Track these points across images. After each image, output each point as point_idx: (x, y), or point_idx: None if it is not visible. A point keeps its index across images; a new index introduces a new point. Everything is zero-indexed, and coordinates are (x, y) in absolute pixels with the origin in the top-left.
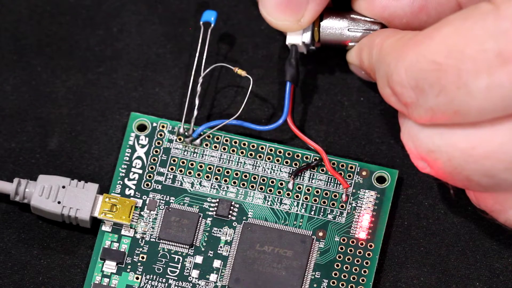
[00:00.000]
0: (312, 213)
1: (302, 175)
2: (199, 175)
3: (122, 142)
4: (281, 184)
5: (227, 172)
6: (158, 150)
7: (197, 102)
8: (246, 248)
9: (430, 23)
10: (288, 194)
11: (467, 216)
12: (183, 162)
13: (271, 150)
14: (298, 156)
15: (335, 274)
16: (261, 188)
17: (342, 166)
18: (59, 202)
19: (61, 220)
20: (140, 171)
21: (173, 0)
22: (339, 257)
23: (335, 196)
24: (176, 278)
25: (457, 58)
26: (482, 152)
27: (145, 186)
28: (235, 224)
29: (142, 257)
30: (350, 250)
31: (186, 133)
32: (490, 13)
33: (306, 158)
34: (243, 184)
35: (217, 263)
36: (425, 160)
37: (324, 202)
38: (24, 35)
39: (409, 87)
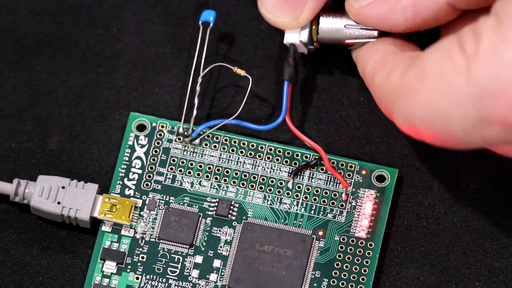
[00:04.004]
0: (312, 212)
1: (302, 174)
2: (198, 175)
3: (122, 142)
4: (281, 183)
5: (227, 172)
6: (158, 150)
7: (196, 102)
8: (246, 247)
9: (428, 25)
10: (288, 194)
11: (467, 216)
12: (182, 162)
13: (270, 149)
14: (297, 155)
15: (335, 273)
16: (261, 188)
17: (342, 165)
18: (58, 203)
19: (61, 220)
20: (140, 171)
21: (173, 0)
22: (339, 256)
23: (335, 195)
24: (176, 278)
25: (445, 120)
26: None
27: (145, 186)
28: (235, 223)
29: (142, 257)
30: (350, 249)
31: (185, 133)
32: (463, 73)
33: (306, 157)
34: (243, 184)
35: (217, 263)
36: None
37: (324, 201)
38: (24, 35)
39: (416, 125)
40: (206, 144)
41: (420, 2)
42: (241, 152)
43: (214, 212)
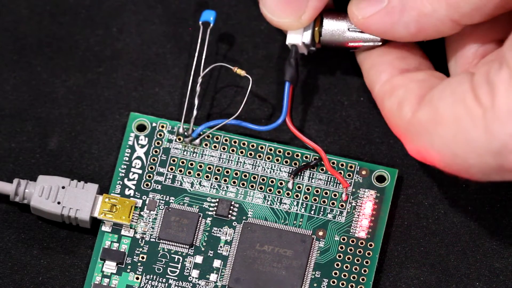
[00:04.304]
0: (312, 212)
1: (302, 174)
2: (198, 175)
3: (122, 142)
4: (281, 183)
5: (227, 172)
6: (158, 150)
7: (196, 102)
8: (246, 247)
9: (432, 37)
10: (288, 194)
11: (467, 216)
12: (182, 162)
13: (270, 149)
14: (297, 155)
15: (335, 273)
16: (261, 188)
17: (342, 165)
18: (59, 203)
19: (61, 220)
20: (140, 171)
21: (173, 0)
22: (339, 256)
23: (335, 195)
24: (176, 278)
25: (463, 163)
26: None
27: (145, 186)
28: (235, 224)
29: (142, 257)
30: (350, 250)
31: (185, 133)
32: (480, 125)
33: (306, 157)
34: (243, 184)
35: (217, 263)
36: None
37: (324, 202)
38: (24, 35)
39: (430, 160)
40: (206, 144)
41: (423, 19)
42: (241, 152)
43: (214, 212)
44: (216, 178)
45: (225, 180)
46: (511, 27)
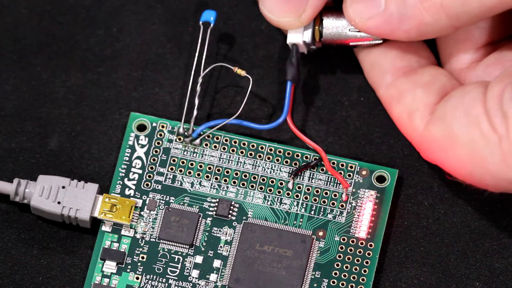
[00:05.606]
0: (312, 212)
1: (302, 174)
2: (199, 175)
3: (122, 142)
4: (281, 183)
5: (227, 172)
6: (158, 150)
7: (196, 102)
8: (246, 248)
9: (429, 38)
10: (288, 194)
11: (467, 216)
12: (183, 162)
13: (270, 149)
14: (298, 155)
15: (335, 273)
16: (261, 188)
17: (342, 165)
18: (59, 203)
19: (61, 220)
20: (140, 171)
21: (173, 0)
22: (339, 256)
23: (335, 195)
24: (176, 278)
25: (479, 182)
26: None
27: (145, 186)
28: (235, 224)
29: (142, 257)
30: (350, 250)
31: (186, 133)
32: (496, 152)
33: (306, 157)
34: (243, 184)
35: (217, 263)
36: None
37: (324, 202)
38: (24, 35)
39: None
40: (206, 144)
41: (423, 27)
42: (241, 152)
43: (214, 212)
44: (216, 178)
45: (225, 180)
46: (504, 29)
